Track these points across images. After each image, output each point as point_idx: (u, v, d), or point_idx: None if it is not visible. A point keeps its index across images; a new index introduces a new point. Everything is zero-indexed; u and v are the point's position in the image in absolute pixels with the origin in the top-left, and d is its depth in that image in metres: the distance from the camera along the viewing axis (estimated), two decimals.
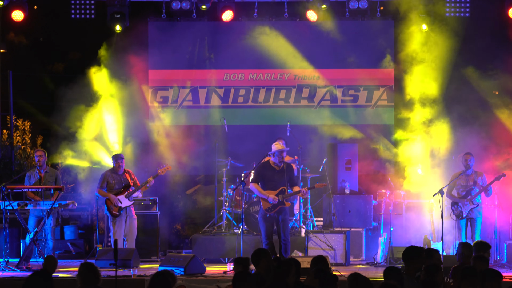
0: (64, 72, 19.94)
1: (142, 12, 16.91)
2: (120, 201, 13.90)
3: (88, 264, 7.87)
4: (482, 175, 13.87)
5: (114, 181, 14.02)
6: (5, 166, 16.67)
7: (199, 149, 16.92)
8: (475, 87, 16.15)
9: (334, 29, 16.86)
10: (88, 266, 7.82)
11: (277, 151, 12.78)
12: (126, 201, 13.96)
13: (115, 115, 16.54)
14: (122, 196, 13.94)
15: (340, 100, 17.15)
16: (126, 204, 13.94)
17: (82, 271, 7.76)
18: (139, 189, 14.06)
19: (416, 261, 8.37)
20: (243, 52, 16.88)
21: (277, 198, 12.67)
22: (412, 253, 8.47)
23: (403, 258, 8.47)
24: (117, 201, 13.85)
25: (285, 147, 12.98)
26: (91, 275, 7.72)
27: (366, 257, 14.75)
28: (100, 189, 14.01)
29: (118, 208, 13.88)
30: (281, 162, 12.82)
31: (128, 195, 13.96)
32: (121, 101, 16.61)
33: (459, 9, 15.98)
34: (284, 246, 12.67)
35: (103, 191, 13.97)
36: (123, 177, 14.06)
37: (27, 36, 18.41)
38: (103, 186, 14.02)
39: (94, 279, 7.70)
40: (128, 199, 13.96)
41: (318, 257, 9.04)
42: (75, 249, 15.60)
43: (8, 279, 12.16)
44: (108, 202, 13.90)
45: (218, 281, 12.02)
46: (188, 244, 15.33)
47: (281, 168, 12.82)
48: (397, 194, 14.89)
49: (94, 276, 7.72)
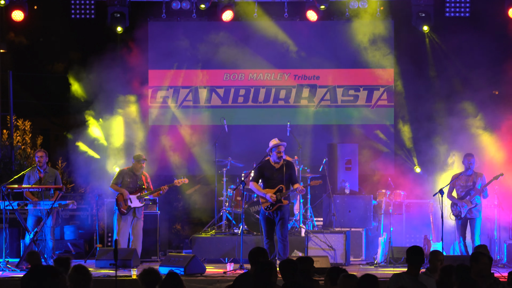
0: (64, 72, 19.94)
1: (142, 12, 16.92)
2: (131, 200, 13.92)
3: (79, 267, 7.85)
4: (482, 175, 13.85)
5: (130, 180, 14.03)
6: (5, 166, 16.67)
7: (199, 149, 16.92)
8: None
9: (334, 29, 16.88)
10: (79, 269, 7.80)
11: (274, 147, 12.70)
12: (136, 202, 13.97)
13: (115, 115, 16.54)
14: (133, 196, 13.96)
15: (340, 100, 17.15)
16: (136, 205, 13.96)
17: (73, 274, 7.73)
18: (151, 193, 14.08)
19: (418, 261, 8.38)
20: (243, 52, 16.88)
21: (275, 196, 12.63)
22: (414, 252, 8.46)
23: (406, 258, 8.47)
24: (128, 198, 13.87)
25: (281, 142, 12.83)
26: (81, 277, 7.69)
27: (366, 257, 14.75)
28: (115, 184, 14.01)
29: (127, 207, 13.90)
30: (280, 158, 12.71)
31: (140, 197, 13.97)
32: (120, 101, 16.61)
33: (459, 9, 15.98)
34: (283, 245, 12.62)
35: (116, 186, 13.98)
36: (140, 179, 14.07)
37: (27, 36, 18.41)
38: (117, 182, 14.03)
39: (85, 283, 7.68)
40: (139, 201, 13.98)
41: (303, 258, 9.05)
42: (75, 249, 15.60)
43: (8, 279, 12.16)
44: (120, 197, 13.92)
45: (218, 281, 12.03)
46: (188, 244, 15.32)
47: (280, 166, 12.76)
48: (397, 194, 14.89)
49: (84, 280, 7.70)
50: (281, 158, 12.73)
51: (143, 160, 14.09)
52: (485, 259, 8.53)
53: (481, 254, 8.68)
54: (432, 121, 16.40)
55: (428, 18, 16.09)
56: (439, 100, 16.55)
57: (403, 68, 16.82)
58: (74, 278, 7.64)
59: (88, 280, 7.65)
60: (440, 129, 16.19)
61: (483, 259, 8.51)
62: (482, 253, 8.78)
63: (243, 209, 14.40)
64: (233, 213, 14.91)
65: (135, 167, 14.08)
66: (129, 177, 14.04)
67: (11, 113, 17.43)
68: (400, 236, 14.85)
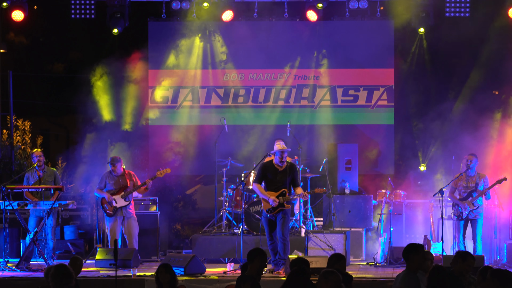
0: (64, 72, 19.95)
1: (142, 12, 16.92)
2: (115, 201, 13.92)
3: (60, 267, 7.85)
4: (484, 177, 13.77)
5: (112, 182, 14.05)
6: (5, 166, 16.66)
7: (199, 149, 16.91)
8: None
9: (334, 29, 16.88)
10: (60, 269, 7.81)
11: (278, 152, 12.74)
12: (121, 201, 13.97)
13: (115, 115, 16.54)
14: (118, 196, 13.96)
15: (340, 100, 17.15)
16: (122, 204, 13.95)
17: (54, 273, 7.74)
18: (135, 189, 14.06)
19: (415, 258, 8.42)
20: (243, 52, 16.88)
21: (278, 200, 12.64)
22: (410, 250, 8.51)
23: (403, 255, 8.51)
24: (111, 200, 13.88)
25: (286, 148, 12.86)
26: (63, 277, 7.70)
27: (366, 257, 14.75)
28: (99, 188, 14.06)
29: (113, 208, 13.90)
30: (282, 162, 12.74)
31: (124, 195, 13.98)
32: (121, 101, 16.61)
33: (459, 9, 15.97)
34: (283, 245, 12.60)
35: (99, 190, 14.03)
36: (122, 178, 14.07)
37: (27, 36, 18.43)
38: (100, 187, 14.08)
39: (67, 281, 7.70)
40: (124, 199, 13.98)
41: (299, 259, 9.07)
42: (75, 249, 15.59)
43: (8, 279, 12.16)
44: (103, 200, 13.95)
45: (218, 281, 12.03)
46: (188, 244, 15.32)
47: (284, 169, 12.75)
48: (397, 194, 14.88)
49: (66, 279, 7.71)
50: (284, 163, 12.74)
51: (115, 162, 14.00)
52: (472, 261, 8.87)
53: (469, 255, 8.96)
54: (432, 121, 16.38)
55: (428, 18, 16.08)
56: (439, 100, 16.54)
57: (403, 68, 16.82)
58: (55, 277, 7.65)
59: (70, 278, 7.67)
60: (440, 129, 16.18)
61: (470, 260, 8.84)
62: (471, 254, 9.05)
63: (243, 209, 14.39)
64: (233, 213, 14.91)
65: (112, 171, 14.08)
66: (111, 179, 14.08)
67: (11, 113, 17.43)
68: (400, 236, 14.85)
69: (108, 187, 14.03)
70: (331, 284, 7.33)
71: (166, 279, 9.03)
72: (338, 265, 8.76)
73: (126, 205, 13.98)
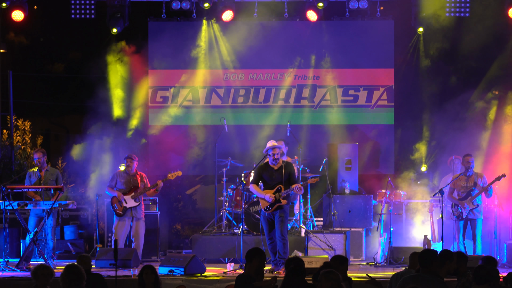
0: (64, 72, 19.96)
1: (142, 12, 16.92)
2: (125, 201, 13.92)
3: (72, 267, 7.85)
4: (482, 176, 13.85)
5: (123, 181, 14.05)
6: (5, 166, 16.67)
7: (199, 149, 16.91)
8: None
9: (334, 29, 16.88)
10: (72, 268, 7.80)
11: (270, 149, 12.75)
12: (131, 201, 13.97)
13: (115, 115, 16.54)
14: (128, 197, 13.96)
15: (340, 100, 17.15)
16: (132, 204, 13.95)
17: (66, 273, 7.73)
18: (146, 191, 14.07)
19: (451, 265, 8.26)
20: (243, 52, 16.87)
21: (274, 196, 12.64)
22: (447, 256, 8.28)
23: (440, 259, 8.15)
24: (122, 199, 13.88)
25: (276, 144, 12.87)
26: (75, 277, 7.70)
27: (366, 257, 14.75)
28: (109, 187, 14.05)
29: (123, 208, 13.90)
30: (276, 160, 12.73)
31: (134, 196, 13.97)
32: (121, 102, 16.61)
33: (459, 9, 15.97)
34: (282, 244, 12.57)
35: (110, 189, 14.02)
36: (133, 178, 14.07)
37: (27, 36, 18.43)
38: (111, 185, 14.06)
39: (78, 282, 7.69)
40: (134, 200, 13.97)
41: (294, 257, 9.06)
42: (75, 249, 15.60)
43: (8, 279, 12.16)
44: (114, 199, 13.95)
45: (218, 281, 12.03)
46: (188, 244, 15.32)
47: (279, 167, 12.78)
48: (397, 194, 14.89)
49: (77, 278, 7.70)
50: (277, 161, 12.73)
51: (129, 160, 14.02)
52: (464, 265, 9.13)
53: (461, 255, 9.13)
54: (432, 121, 16.39)
55: (427, 18, 16.07)
56: (439, 100, 16.54)
57: (403, 68, 16.82)
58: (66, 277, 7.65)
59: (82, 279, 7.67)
60: (440, 129, 16.18)
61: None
62: (463, 255, 9.21)
63: (243, 209, 14.40)
64: (233, 213, 14.91)
65: (127, 168, 14.10)
66: (122, 178, 14.08)
67: (11, 113, 17.43)
68: (400, 236, 14.85)
69: (119, 186, 14.04)
70: (331, 283, 7.34)
71: (151, 279, 9.08)
72: (342, 268, 8.69)
73: (136, 206, 13.99)
